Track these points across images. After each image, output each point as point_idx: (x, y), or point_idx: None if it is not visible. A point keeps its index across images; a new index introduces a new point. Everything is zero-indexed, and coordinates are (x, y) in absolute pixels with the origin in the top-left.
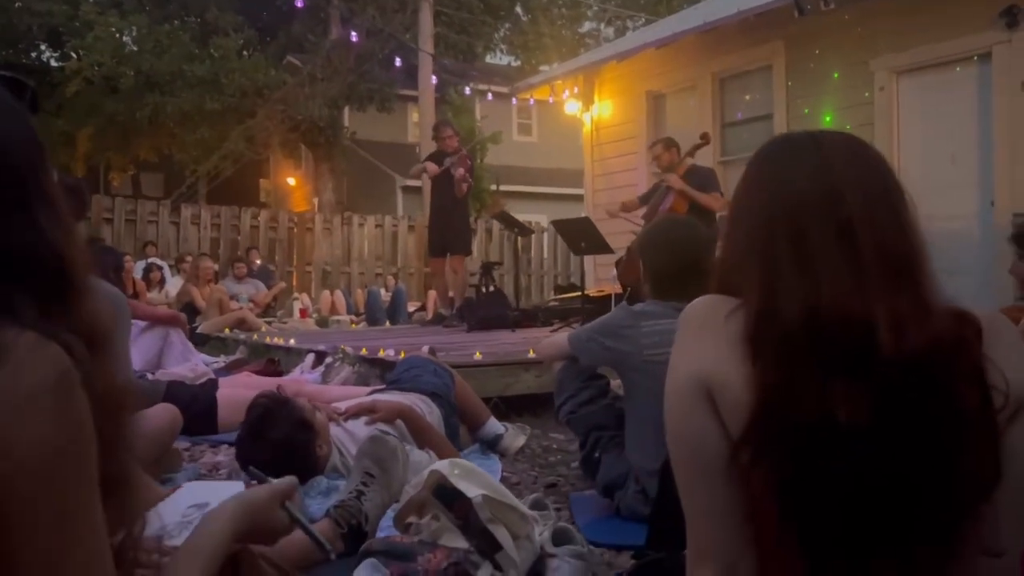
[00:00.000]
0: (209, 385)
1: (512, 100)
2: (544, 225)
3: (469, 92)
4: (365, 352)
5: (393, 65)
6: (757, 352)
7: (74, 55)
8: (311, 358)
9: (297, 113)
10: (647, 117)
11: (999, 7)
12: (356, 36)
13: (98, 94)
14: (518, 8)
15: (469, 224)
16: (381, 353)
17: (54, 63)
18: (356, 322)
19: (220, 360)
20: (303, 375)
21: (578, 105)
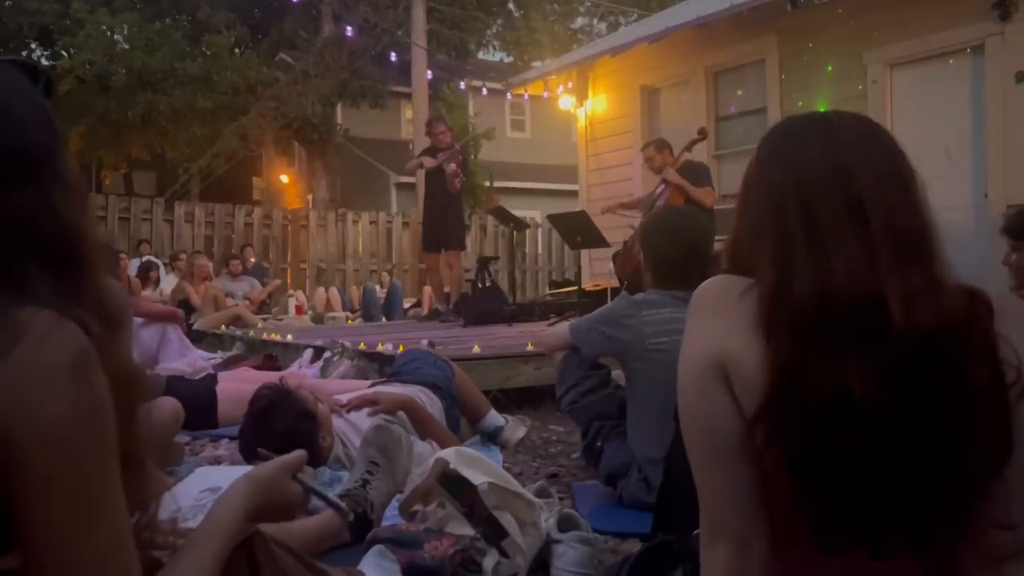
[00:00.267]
0: (208, 380)
1: (507, 95)
2: (538, 221)
3: (463, 87)
4: (363, 347)
5: (386, 62)
6: (770, 330)
7: (65, 54)
8: (309, 353)
9: (290, 110)
10: (641, 112)
11: None
12: (351, 31)
13: (90, 93)
14: (511, 4)
15: (463, 219)
16: (380, 347)
17: (45, 62)
18: (352, 319)
19: (217, 356)
20: (302, 370)
21: (572, 100)
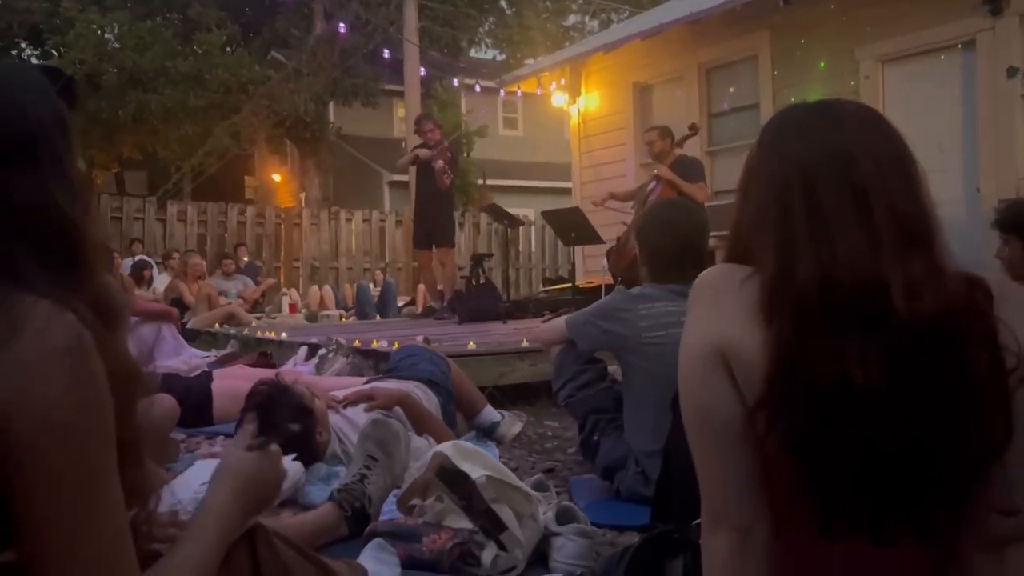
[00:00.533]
0: (203, 377)
1: (499, 93)
2: (531, 218)
3: (456, 84)
4: (358, 344)
5: (378, 60)
6: (773, 316)
7: (55, 53)
8: (304, 351)
9: (282, 109)
10: (634, 108)
11: None
12: (344, 28)
13: (80, 92)
14: (503, 1)
15: (453, 217)
16: (375, 344)
17: (35, 61)
18: (346, 317)
19: (211, 354)
20: (297, 368)
21: (565, 97)
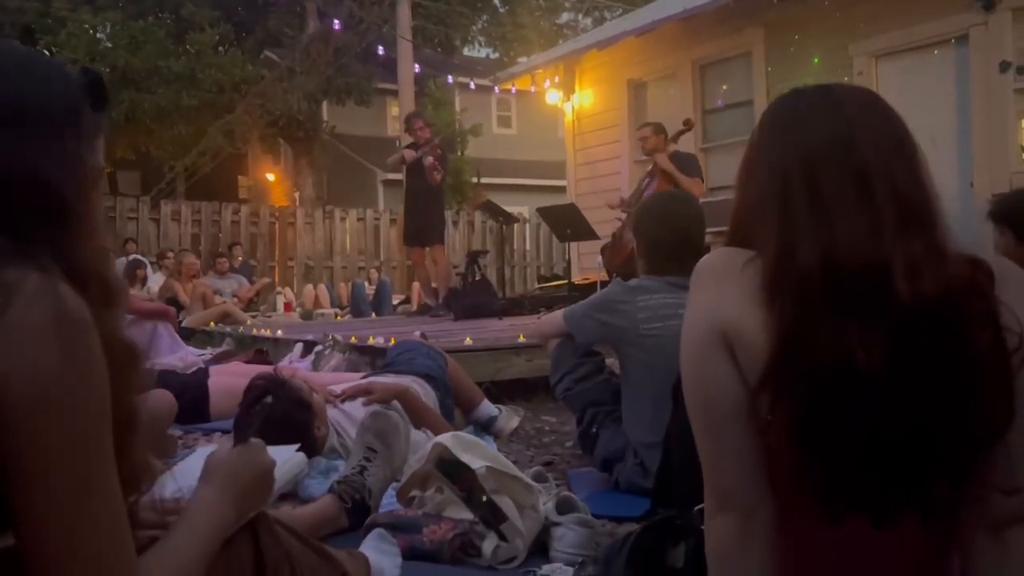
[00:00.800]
0: (200, 374)
1: (494, 90)
2: (526, 216)
3: (451, 81)
4: (355, 340)
5: (371, 59)
6: (775, 297)
7: (47, 53)
8: (300, 347)
9: (275, 108)
10: (628, 105)
11: None
12: (338, 24)
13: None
14: None
15: (443, 214)
16: (371, 341)
17: None
18: (341, 315)
19: (207, 353)
20: (293, 364)
21: (559, 95)
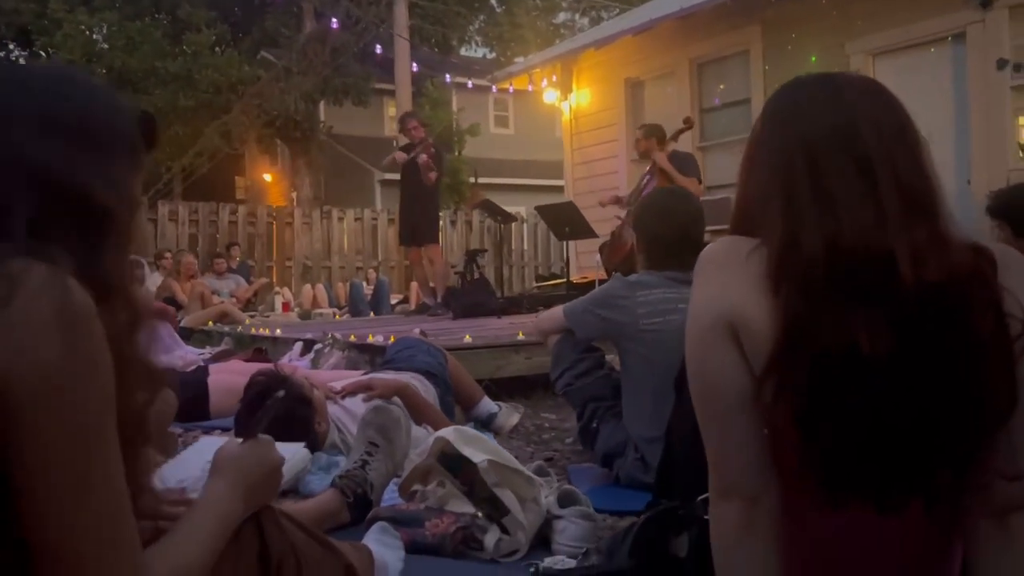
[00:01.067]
0: (199, 372)
1: (492, 89)
2: (524, 215)
3: (448, 81)
4: (354, 338)
5: (369, 59)
6: (780, 285)
7: (43, 54)
8: (299, 346)
9: (272, 108)
10: (626, 104)
11: None
12: (335, 24)
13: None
14: None
15: (437, 214)
16: (370, 339)
17: (22, 62)
18: (339, 315)
19: (206, 352)
20: (292, 363)
21: (556, 94)
